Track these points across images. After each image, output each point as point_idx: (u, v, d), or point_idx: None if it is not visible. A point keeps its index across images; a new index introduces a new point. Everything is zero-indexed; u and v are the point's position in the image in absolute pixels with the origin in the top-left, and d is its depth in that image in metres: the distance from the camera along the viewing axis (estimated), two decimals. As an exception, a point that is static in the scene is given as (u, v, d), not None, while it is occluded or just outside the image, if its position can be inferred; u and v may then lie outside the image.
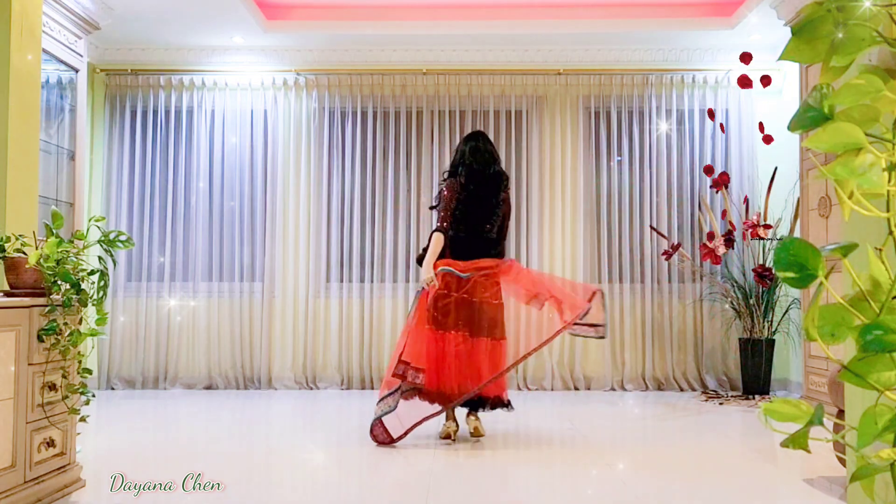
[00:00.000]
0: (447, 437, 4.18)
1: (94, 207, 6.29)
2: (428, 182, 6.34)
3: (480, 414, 4.27)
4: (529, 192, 6.35)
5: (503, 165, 6.24)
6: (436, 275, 4.16)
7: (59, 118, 5.05)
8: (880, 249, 1.14)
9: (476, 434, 4.19)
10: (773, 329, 5.96)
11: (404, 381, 4.01)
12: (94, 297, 2.95)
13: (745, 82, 5.69)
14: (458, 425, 4.23)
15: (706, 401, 5.72)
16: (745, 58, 5.60)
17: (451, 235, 4.22)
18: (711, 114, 6.12)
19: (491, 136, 6.30)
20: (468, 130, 6.37)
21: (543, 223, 6.30)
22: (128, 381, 6.23)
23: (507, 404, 4.25)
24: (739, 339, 6.00)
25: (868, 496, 1.10)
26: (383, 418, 4.04)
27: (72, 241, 2.98)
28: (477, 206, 4.22)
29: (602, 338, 4.28)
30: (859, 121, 1.10)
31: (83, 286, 2.92)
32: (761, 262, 5.94)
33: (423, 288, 4.23)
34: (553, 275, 5.72)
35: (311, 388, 6.21)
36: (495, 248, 4.28)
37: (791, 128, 1.20)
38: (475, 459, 3.91)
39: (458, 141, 6.35)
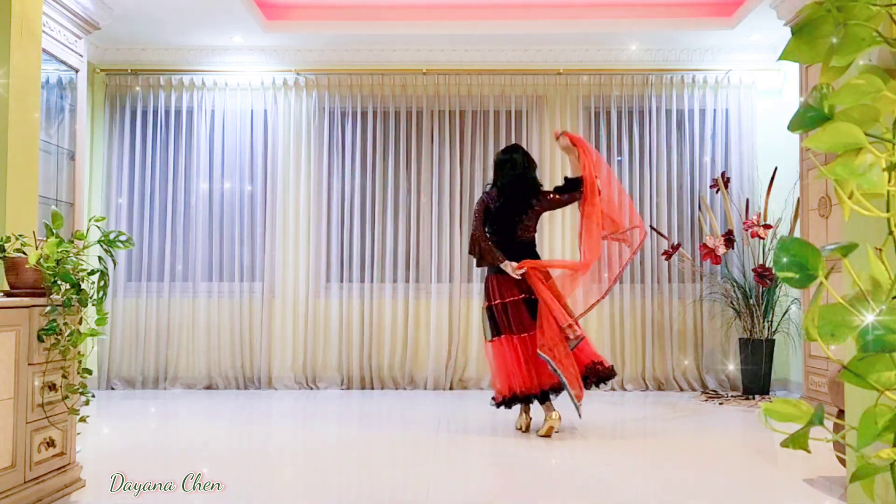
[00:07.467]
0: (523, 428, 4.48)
1: (94, 207, 6.29)
2: (428, 182, 6.33)
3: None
4: (529, 192, 6.34)
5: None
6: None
7: (59, 118, 5.05)
8: (880, 249, 1.14)
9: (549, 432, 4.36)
10: (773, 329, 5.96)
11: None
12: (94, 297, 2.95)
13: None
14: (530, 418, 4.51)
15: (706, 401, 5.72)
16: None
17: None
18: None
19: (491, 136, 6.35)
20: (468, 130, 6.41)
21: (543, 223, 6.29)
22: (128, 381, 6.23)
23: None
24: (739, 339, 6.00)
25: (868, 496, 1.10)
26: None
27: (72, 241, 2.98)
28: (507, 214, 4.52)
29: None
30: (859, 121, 1.10)
31: (83, 286, 2.92)
32: (761, 262, 5.94)
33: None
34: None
35: (311, 388, 6.21)
36: (531, 248, 4.60)
37: (791, 128, 1.20)
38: (475, 459, 3.91)
39: (458, 141, 6.39)
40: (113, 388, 6.19)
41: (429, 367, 6.22)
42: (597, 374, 4.45)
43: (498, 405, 4.47)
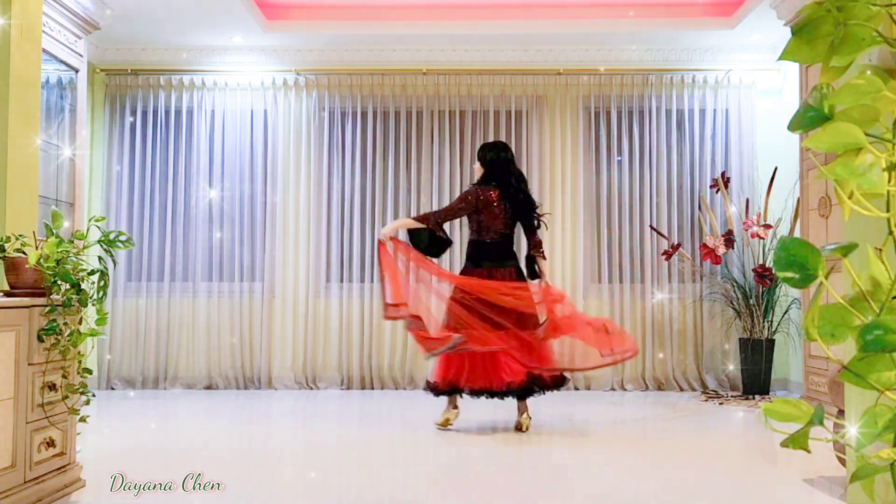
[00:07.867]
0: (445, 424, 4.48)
1: (94, 207, 6.29)
2: (428, 182, 6.33)
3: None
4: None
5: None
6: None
7: (59, 118, 5.05)
8: (880, 249, 1.14)
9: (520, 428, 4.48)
10: (773, 329, 5.96)
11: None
12: (94, 297, 2.95)
13: None
14: (457, 412, 4.56)
15: (706, 401, 5.72)
16: None
17: (474, 240, 4.73)
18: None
19: (491, 136, 6.34)
20: (468, 130, 6.40)
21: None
22: (128, 381, 6.22)
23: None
24: (739, 339, 6.00)
25: (868, 496, 1.10)
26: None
27: (72, 241, 2.98)
28: (508, 216, 4.64)
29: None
30: (859, 121, 1.10)
31: (83, 286, 2.91)
32: (761, 262, 5.94)
33: None
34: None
35: (311, 388, 6.21)
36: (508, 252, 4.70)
37: (791, 128, 1.20)
38: (475, 458, 3.91)
39: (458, 141, 6.39)
40: (113, 388, 6.19)
41: (429, 367, 6.21)
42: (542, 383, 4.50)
43: (430, 389, 4.58)
